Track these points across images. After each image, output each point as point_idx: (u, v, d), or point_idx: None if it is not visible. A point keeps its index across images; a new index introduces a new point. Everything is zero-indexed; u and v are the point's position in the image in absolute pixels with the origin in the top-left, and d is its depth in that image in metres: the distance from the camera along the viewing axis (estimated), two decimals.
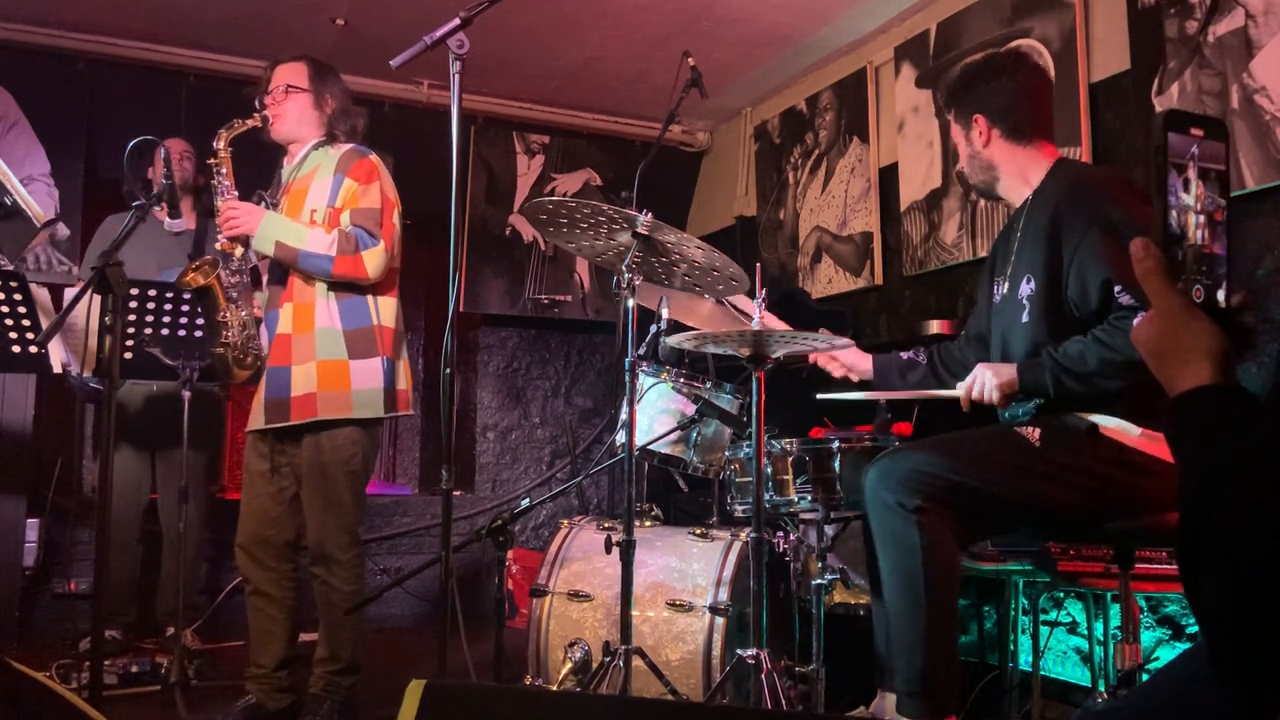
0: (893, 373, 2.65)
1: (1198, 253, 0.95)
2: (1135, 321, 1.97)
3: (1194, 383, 0.93)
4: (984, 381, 2.23)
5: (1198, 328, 0.94)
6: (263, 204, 2.88)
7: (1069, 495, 2.11)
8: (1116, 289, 2.06)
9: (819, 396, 2.54)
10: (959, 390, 2.30)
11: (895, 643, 2.11)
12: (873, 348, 2.74)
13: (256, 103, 2.84)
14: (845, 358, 2.70)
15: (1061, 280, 2.18)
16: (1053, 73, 3.52)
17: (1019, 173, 2.36)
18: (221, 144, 2.81)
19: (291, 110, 2.83)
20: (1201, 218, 0.95)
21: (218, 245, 2.82)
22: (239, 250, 2.81)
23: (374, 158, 2.84)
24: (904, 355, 2.69)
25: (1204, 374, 0.92)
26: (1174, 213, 0.95)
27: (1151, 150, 0.97)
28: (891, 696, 2.51)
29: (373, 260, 2.72)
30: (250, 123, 2.81)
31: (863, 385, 2.66)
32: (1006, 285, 2.35)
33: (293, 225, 2.73)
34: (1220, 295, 0.95)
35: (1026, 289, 2.25)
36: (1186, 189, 0.95)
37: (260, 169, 3.09)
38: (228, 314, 2.85)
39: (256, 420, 2.80)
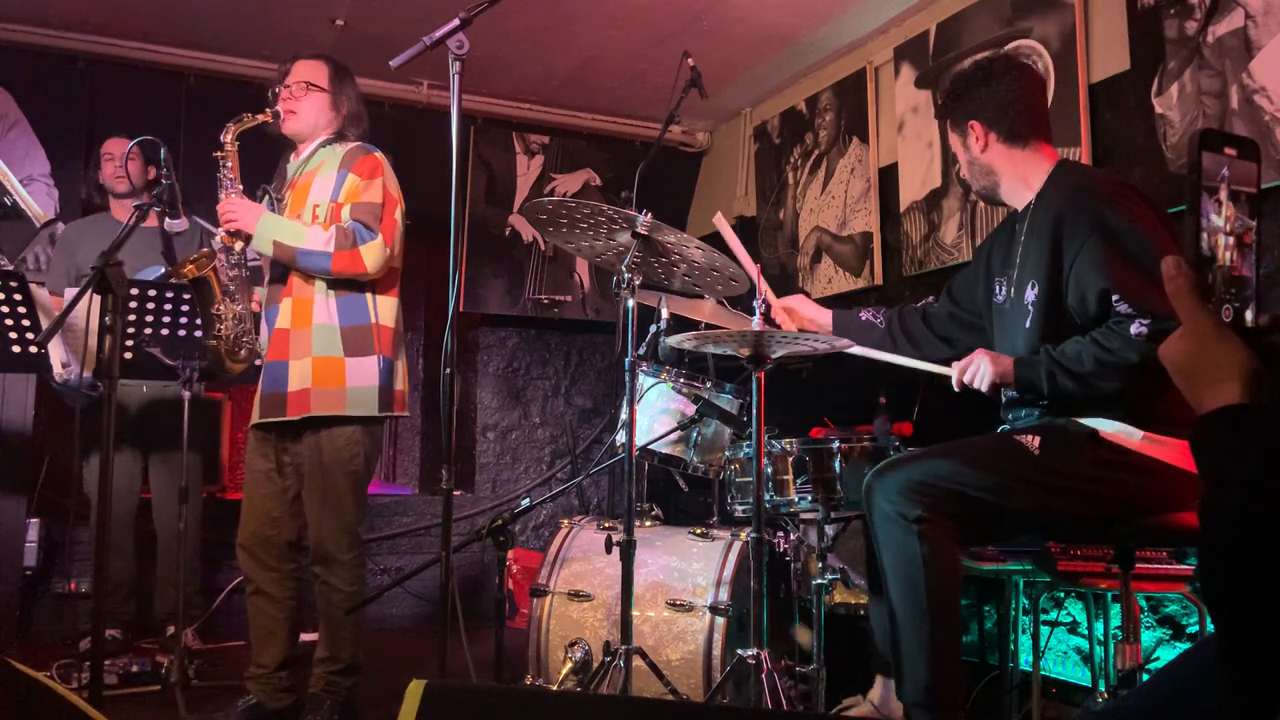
0: (851, 331, 2.68)
1: (1227, 275, 0.95)
2: (1139, 327, 1.99)
3: (1223, 402, 0.93)
4: (979, 367, 2.23)
5: (1228, 347, 0.94)
6: (267, 198, 2.88)
7: (1069, 504, 2.11)
8: (1114, 298, 2.06)
9: (837, 346, 2.53)
10: (953, 370, 2.29)
11: (900, 652, 2.10)
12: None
13: (270, 95, 2.84)
14: (803, 310, 2.72)
15: (1062, 286, 2.18)
16: (1052, 73, 3.53)
17: (1020, 176, 2.35)
18: (229, 138, 2.81)
19: (308, 108, 2.83)
20: (1231, 239, 0.96)
21: (217, 239, 2.83)
22: (238, 244, 2.80)
23: (379, 155, 2.84)
24: (863, 315, 2.72)
25: (1233, 393, 0.93)
26: (1204, 235, 0.95)
27: (1186, 168, 0.97)
28: (887, 681, 2.53)
29: (371, 254, 2.72)
30: (260, 118, 2.80)
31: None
32: (1012, 289, 2.34)
33: (290, 224, 2.73)
34: (1249, 315, 0.95)
35: (1031, 294, 2.25)
36: (1218, 211, 0.95)
37: (269, 165, 3.09)
38: (222, 307, 2.85)
39: (254, 415, 2.81)
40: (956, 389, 2.29)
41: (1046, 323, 2.21)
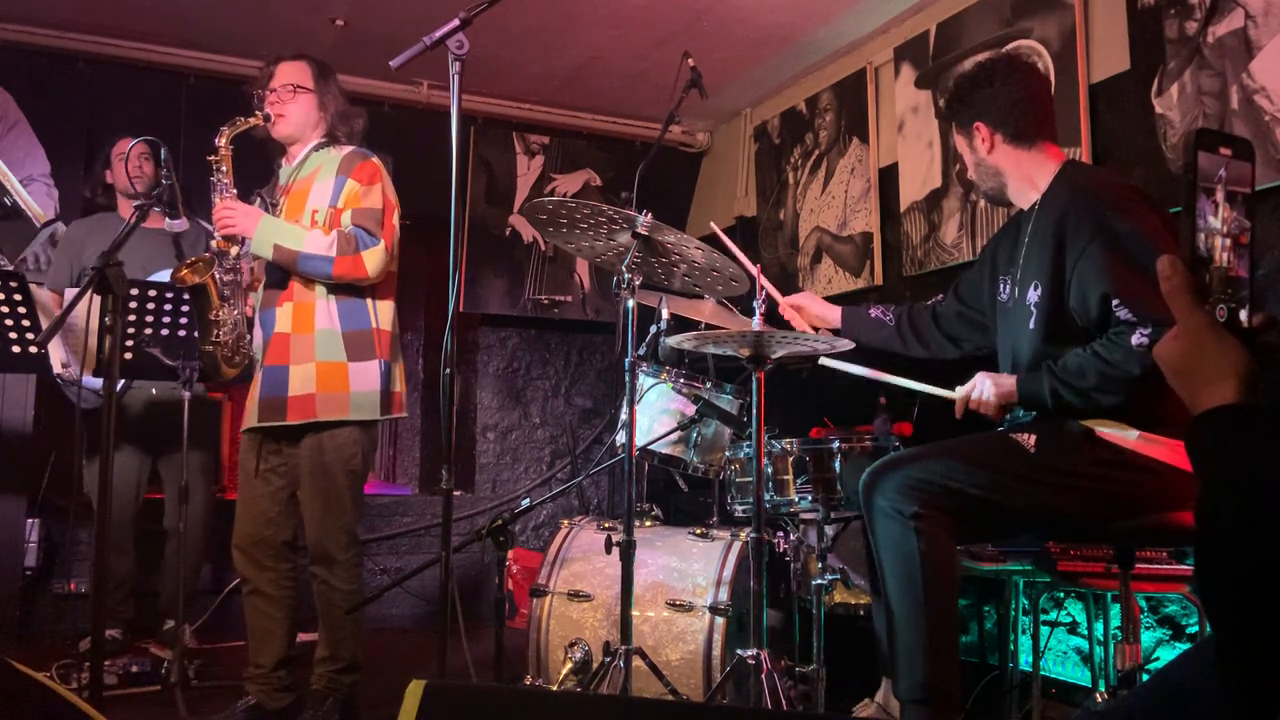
0: (860, 329, 2.69)
1: (1224, 276, 0.95)
2: (1140, 337, 1.99)
3: (1218, 401, 0.93)
4: (983, 390, 2.24)
5: (1225, 347, 0.94)
6: (260, 203, 2.87)
7: (1066, 502, 2.11)
8: (1115, 303, 2.06)
9: (822, 361, 2.53)
10: (957, 394, 2.30)
11: (897, 648, 2.10)
12: (872, 348, 2.75)
13: (255, 98, 2.84)
14: (812, 309, 2.73)
15: (1064, 289, 2.18)
16: (1052, 74, 3.53)
17: (1026, 176, 2.35)
18: (223, 141, 2.80)
19: (296, 110, 2.83)
20: (1228, 241, 0.96)
21: (213, 243, 2.82)
22: (234, 249, 2.80)
23: (376, 160, 2.85)
24: (872, 313, 2.72)
25: (1229, 393, 0.93)
26: (1201, 235, 0.95)
27: (1182, 169, 0.97)
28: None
29: (373, 260, 2.72)
30: (253, 121, 2.80)
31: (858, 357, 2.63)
32: (1015, 289, 2.34)
33: (291, 227, 2.73)
34: (1243, 315, 0.95)
35: (1034, 295, 2.25)
36: (1215, 212, 0.95)
37: (259, 169, 3.09)
38: (220, 313, 2.84)
39: (250, 418, 2.80)
40: (959, 416, 2.29)
41: (1049, 324, 2.21)
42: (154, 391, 3.76)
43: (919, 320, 2.67)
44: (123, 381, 3.69)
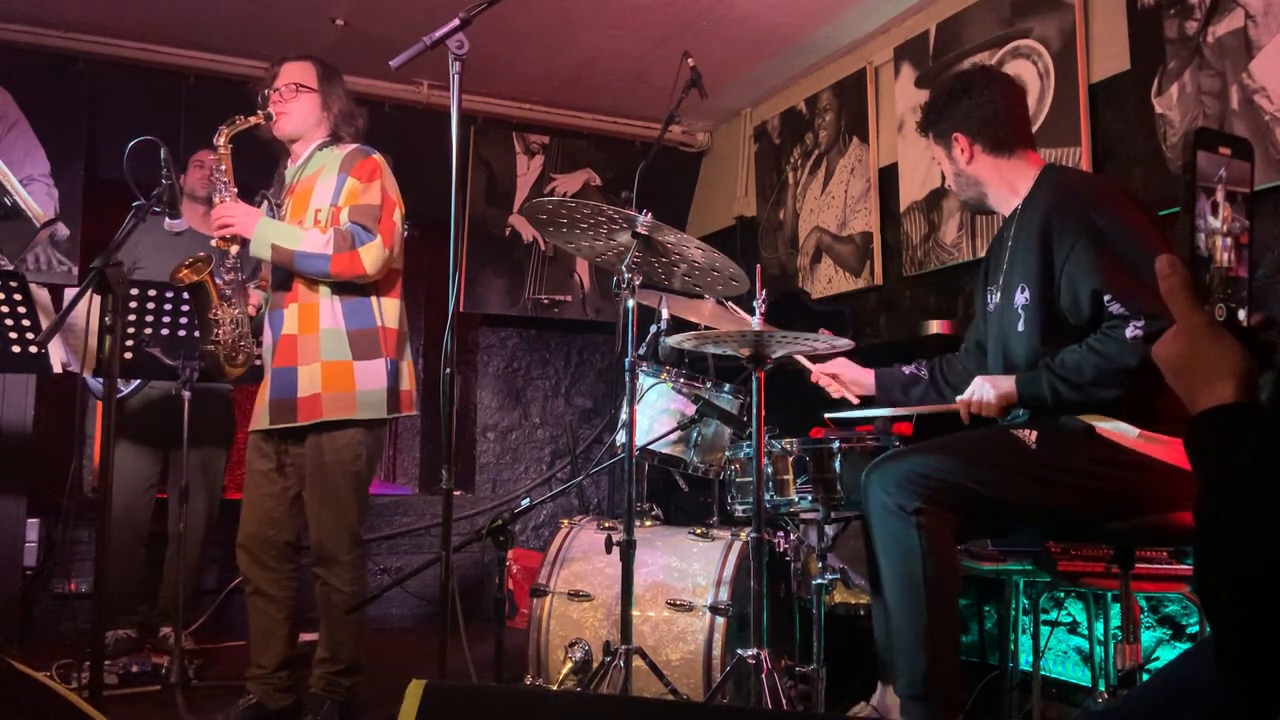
0: (895, 388, 2.64)
1: (1223, 275, 0.95)
2: (1134, 330, 2.00)
3: (1217, 401, 0.93)
4: (982, 394, 2.24)
5: (1223, 347, 0.94)
6: (265, 204, 2.87)
7: (1066, 497, 2.12)
8: (1106, 298, 2.07)
9: (827, 417, 2.55)
10: (958, 403, 2.30)
11: (897, 645, 2.11)
12: (872, 348, 2.74)
13: (259, 98, 2.84)
14: (846, 374, 2.67)
15: (1054, 289, 2.18)
16: (1052, 74, 3.53)
17: (1007, 184, 2.36)
18: (222, 140, 2.79)
19: (298, 109, 2.83)
20: (1228, 240, 0.96)
21: (213, 243, 2.82)
22: (234, 248, 2.80)
23: (378, 157, 2.84)
24: (906, 370, 2.66)
25: (1227, 392, 0.93)
26: (1201, 235, 0.95)
27: (1181, 168, 0.97)
28: (891, 688, 2.52)
29: (370, 256, 2.71)
30: (252, 120, 2.79)
31: (865, 402, 2.65)
32: (1000, 294, 2.35)
33: (288, 227, 2.73)
34: (1242, 315, 0.95)
35: (1021, 298, 2.25)
36: (1215, 212, 0.95)
37: (262, 170, 3.09)
38: (219, 312, 2.84)
39: (260, 420, 2.80)
40: (965, 421, 2.29)
41: (1041, 325, 2.21)
42: (174, 392, 3.75)
43: (950, 370, 2.60)
44: (138, 381, 3.69)
